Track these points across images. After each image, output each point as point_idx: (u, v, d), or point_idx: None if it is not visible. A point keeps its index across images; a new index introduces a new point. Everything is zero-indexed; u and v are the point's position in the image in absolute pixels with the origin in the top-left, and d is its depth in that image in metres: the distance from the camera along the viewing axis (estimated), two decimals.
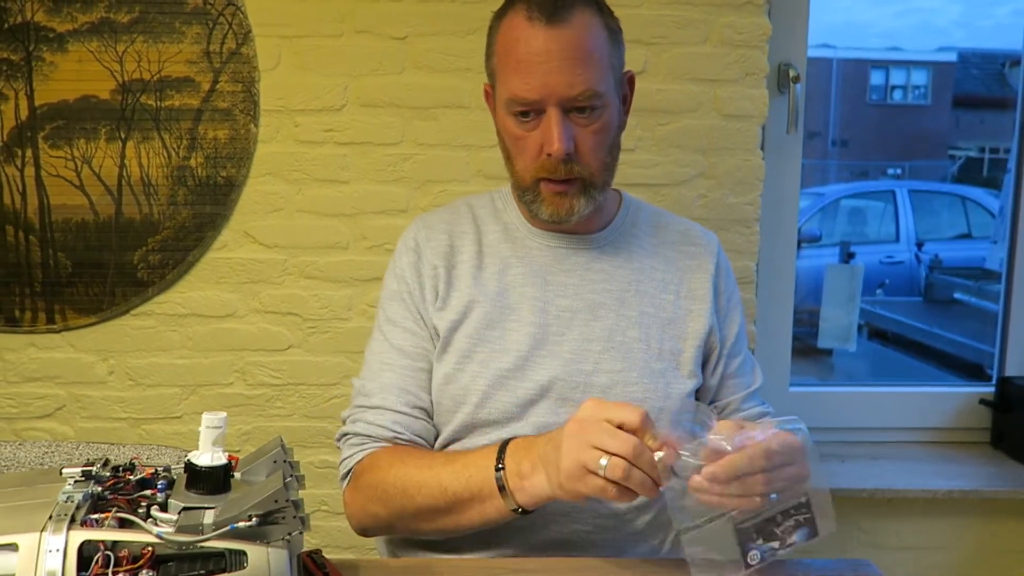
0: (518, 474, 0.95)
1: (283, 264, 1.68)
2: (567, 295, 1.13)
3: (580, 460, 0.87)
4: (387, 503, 1.04)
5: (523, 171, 1.10)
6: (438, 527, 1.04)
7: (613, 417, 0.87)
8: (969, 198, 5.32)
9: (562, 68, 1.03)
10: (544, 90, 1.03)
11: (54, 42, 1.60)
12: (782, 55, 1.74)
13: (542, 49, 1.03)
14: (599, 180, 1.10)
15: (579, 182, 1.08)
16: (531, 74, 1.03)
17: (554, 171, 1.07)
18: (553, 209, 1.09)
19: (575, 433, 0.88)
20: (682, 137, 1.69)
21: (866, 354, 3.43)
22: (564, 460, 0.88)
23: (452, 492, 0.99)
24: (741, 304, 1.22)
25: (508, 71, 1.06)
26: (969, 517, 1.76)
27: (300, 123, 1.65)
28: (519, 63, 1.04)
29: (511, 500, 0.96)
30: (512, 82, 1.05)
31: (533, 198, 1.10)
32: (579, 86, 1.03)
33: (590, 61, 1.04)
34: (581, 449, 0.87)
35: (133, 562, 0.70)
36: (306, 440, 1.72)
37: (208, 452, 0.78)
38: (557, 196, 1.09)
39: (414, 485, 1.02)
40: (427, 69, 1.64)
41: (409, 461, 1.04)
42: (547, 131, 1.05)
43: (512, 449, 0.97)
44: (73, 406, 1.70)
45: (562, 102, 1.04)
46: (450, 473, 1.00)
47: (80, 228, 1.65)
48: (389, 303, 1.16)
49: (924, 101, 8.01)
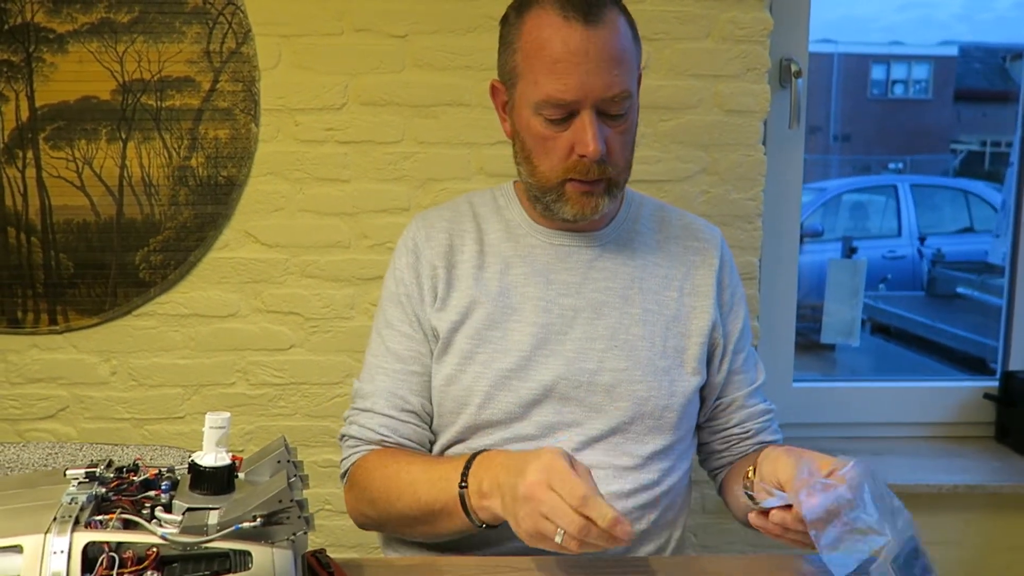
0: (479, 493, 0.94)
1: (285, 263, 1.68)
2: (570, 294, 1.12)
3: (537, 528, 0.85)
4: (374, 506, 1.06)
5: (549, 172, 1.07)
6: (419, 532, 1.06)
7: (559, 491, 0.83)
8: (971, 192, 5.32)
9: (600, 69, 1.00)
10: (581, 91, 1.01)
11: (54, 43, 1.59)
12: (783, 50, 1.74)
13: (580, 49, 1.00)
14: (621, 179, 1.10)
15: (605, 182, 1.07)
16: (569, 75, 1.00)
17: (586, 172, 1.05)
18: (578, 209, 1.08)
19: (528, 500, 0.85)
20: (684, 133, 1.68)
21: (869, 349, 3.43)
22: (523, 524, 0.86)
23: (425, 503, 1.00)
24: (745, 299, 1.22)
25: (540, 71, 1.02)
26: (974, 512, 1.76)
27: (301, 122, 1.65)
28: (555, 63, 1.01)
29: (475, 517, 0.96)
30: (545, 82, 1.02)
31: (556, 198, 1.08)
32: (616, 87, 1.02)
33: (623, 61, 1.03)
34: (536, 519, 0.84)
35: (138, 563, 0.70)
36: (309, 439, 1.72)
37: (212, 452, 0.78)
38: (584, 196, 1.07)
39: (395, 492, 1.03)
40: (427, 67, 1.64)
41: (392, 467, 1.05)
42: (581, 132, 1.03)
43: (475, 467, 0.96)
44: (76, 407, 1.70)
45: (597, 104, 1.02)
46: (424, 483, 1.00)
47: (82, 229, 1.64)
48: (387, 305, 1.16)
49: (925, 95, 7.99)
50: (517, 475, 0.87)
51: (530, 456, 0.88)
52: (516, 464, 0.90)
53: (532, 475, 0.85)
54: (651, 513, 1.10)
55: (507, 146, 1.64)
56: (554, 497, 0.83)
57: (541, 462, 0.86)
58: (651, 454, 1.10)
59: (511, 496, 0.88)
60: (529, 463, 0.87)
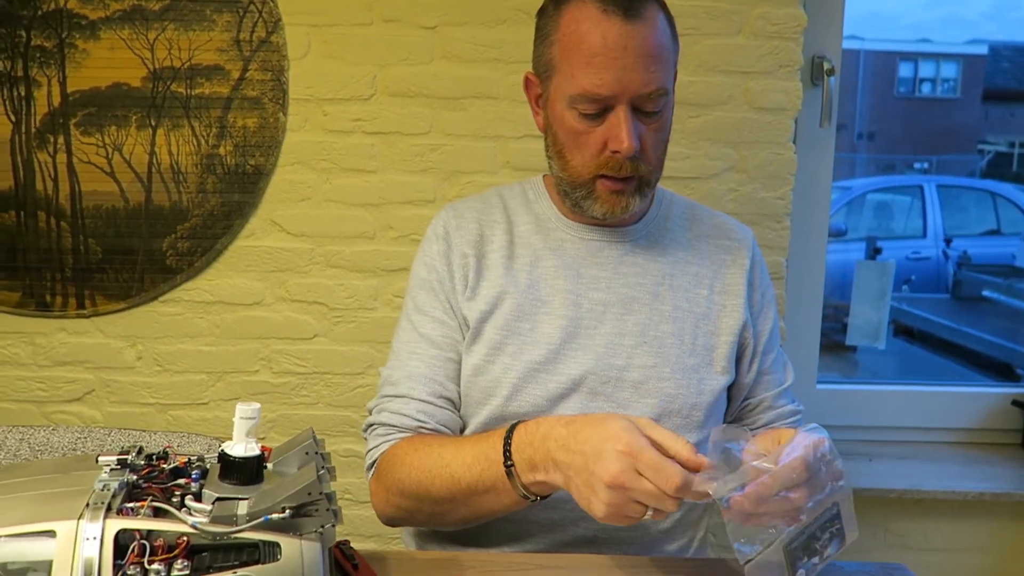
0: (530, 467, 0.92)
1: (310, 253, 1.69)
2: (600, 288, 1.11)
3: (622, 511, 0.83)
4: (407, 494, 1.04)
5: (581, 167, 1.06)
6: (458, 517, 1.03)
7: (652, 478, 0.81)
8: (999, 194, 5.24)
9: (637, 64, 1.00)
10: (618, 86, 1.00)
11: (86, 29, 1.60)
12: (815, 47, 1.71)
13: (619, 44, 0.99)
14: (653, 178, 1.09)
15: (636, 180, 1.06)
16: (606, 69, 1.00)
17: (618, 169, 1.04)
18: (608, 207, 1.07)
19: (616, 488, 0.82)
20: (713, 130, 1.66)
21: (892, 351, 3.39)
22: (602, 508, 0.84)
23: (465, 484, 0.97)
24: (775, 300, 1.21)
25: (577, 64, 1.02)
26: (1000, 520, 1.73)
27: (329, 112, 1.65)
28: (593, 57, 1.00)
29: (523, 491, 0.94)
30: (582, 76, 1.01)
31: (586, 194, 1.08)
32: (653, 84, 1.01)
33: (662, 59, 1.02)
34: (624, 505, 0.83)
35: (168, 551, 0.70)
36: (330, 429, 1.73)
37: (242, 443, 0.78)
38: (614, 194, 1.06)
39: (428, 477, 1.01)
40: (456, 59, 1.63)
41: (423, 451, 1.03)
42: (615, 128, 1.02)
43: (517, 442, 0.94)
44: (102, 391, 1.72)
45: (634, 100, 1.01)
46: (461, 465, 0.98)
47: (110, 215, 1.66)
48: (418, 291, 1.15)
49: (953, 94, 7.88)
50: (591, 460, 0.84)
51: (594, 434, 0.85)
52: (577, 442, 0.87)
53: (615, 463, 0.82)
54: (676, 512, 1.09)
55: (534, 140, 1.64)
56: (646, 484, 0.81)
57: (624, 444, 0.83)
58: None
59: (585, 482, 0.85)
60: (607, 445, 0.83)
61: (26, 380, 1.71)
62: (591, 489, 0.85)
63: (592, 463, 0.84)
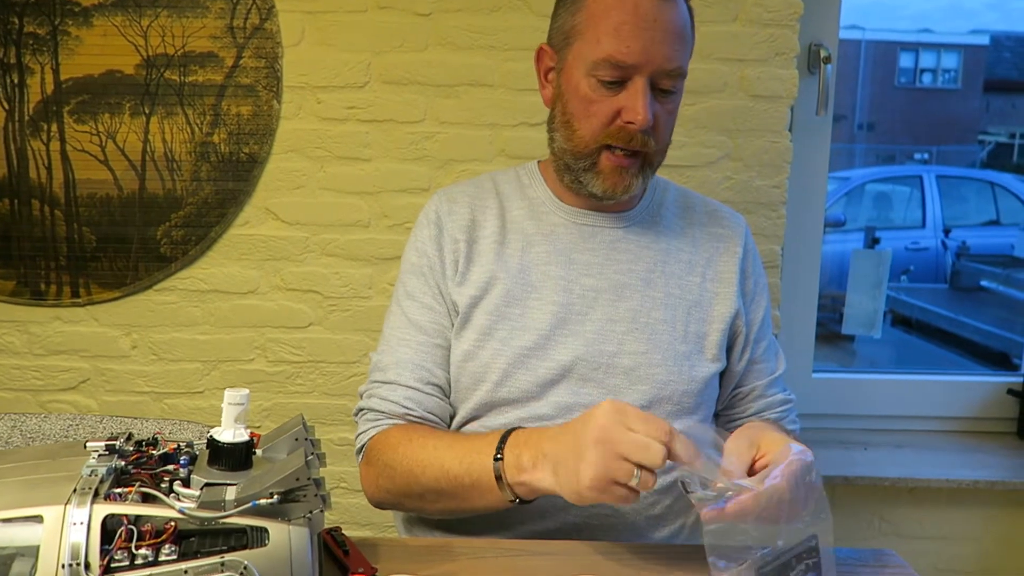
0: (517, 467, 0.93)
1: (304, 241, 1.68)
2: (591, 274, 1.11)
3: (609, 472, 0.84)
4: (395, 481, 1.05)
5: (588, 136, 1.06)
6: (444, 508, 1.05)
7: (641, 429, 0.84)
8: (998, 184, 5.23)
9: (664, 39, 1.02)
10: (643, 56, 1.01)
11: (79, 16, 1.59)
12: (812, 35, 1.70)
13: (650, 16, 1.01)
14: (656, 160, 1.10)
15: (641, 158, 1.07)
16: (635, 38, 1.01)
17: (628, 140, 1.05)
18: (609, 184, 1.07)
19: (602, 442, 0.84)
20: (709, 118, 1.66)
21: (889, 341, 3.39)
22: (589, 470, 0.84)
23: (454, 477, 0.99)
24: (767, 288, 1.20)
25: (604, 30, 1.03)
26: (994, 508, 1.74)
27: (323, 100, 1.64)
28: (623, 24, 1.02)
29: (508, 492, 0.95)
30: (608, 42, 1.02)
31: (588, 167, 1.08)
32: (675, 61, 1.03)
33: (685, 39, 1.05)
34: (609, 463, 0.84)
35: (156, 536, 0.70)
36: (325, 417, 1.73)
37: (230, 429, 0.78)
38: (617, 171, 1.07)
39: (419, 467, 1.02)
40: (451, 46, 1.63)
41: (416, 442, 1.04)
42: (633, 99, 1.03)
43: (513, 441, 0.95)
44: (97, 379, 1.72)
45: (654, 74, 1.03)
46: (452, 458, 0.99)
47: (104, 203, 1.65)
48: (409, 277, 1.15)
49: (954, 85, 7.85)
50: (579, 430, 0.87)
51: (584, 415, 0.88)
52: (567, 428, 0.90)
53: (603, 418, 0.85)
54: (666, 498, 1.09)
55: (529, 128, 1.64)
56: (635, 435, 0.83)
57: (608, 407, 0.86)
58: None
59: (572, 450, 0.87)
60: (591, 413, 0.87)
61: (21, 369, 1.71)
62: (579, 456, 0.86)
63: (579, 429, 0.87)
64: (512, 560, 0.93)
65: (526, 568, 0.91)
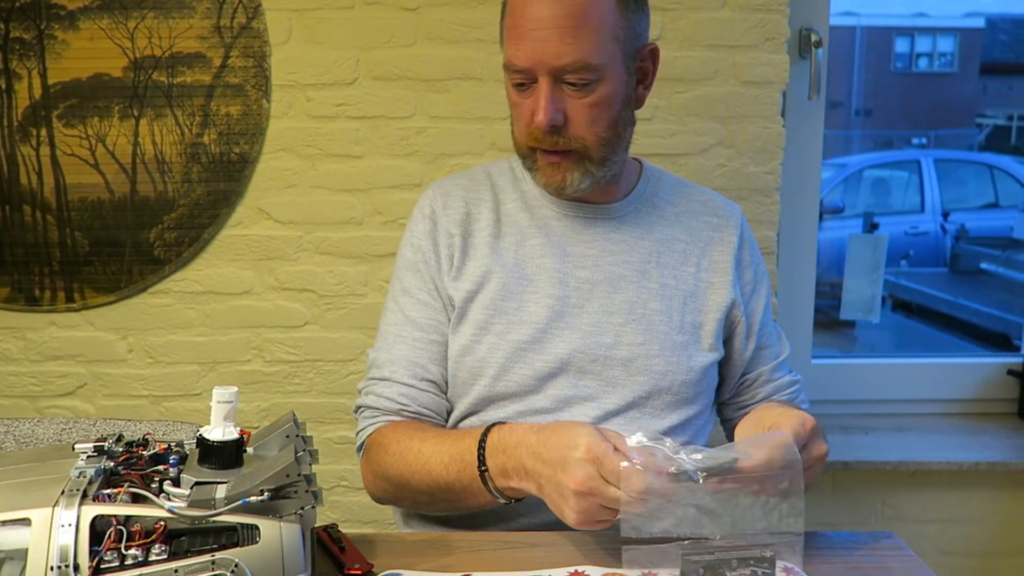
0: (502, 475, 0.93)
1: (298, 240, 1.68)
2: (587, 267, 1.11)
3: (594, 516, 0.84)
4: (392, 482, 1.06)
5: (520, 138, 1.09)
6: (441, 508, 1.06)
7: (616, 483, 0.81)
8: (997, 167, 5.22)
9: (552, 36, 1.00)
10: (533, 58, 1.01)
11: (65, 20, 1.59)
12: (803, 19, 1.69)
13: (538, 15, 1.01)
14: (596, 155, 1.07)
15: (573, 154, 1.06)
16: (523, 40, 1.02)
17: (542, 141, 1.05)
18: (547, 179, 1.08)
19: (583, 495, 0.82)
20: (700, 105, 1.65)
21: (890, 326, 3.39)
22: (573, 515, 0.84)
23: (444, 483, 0.99)
24: (767, 275, 1.20)
25: (507, 36, 1.05)
26: (996, 490, 1.73)
27: (312, 98, 1.63)
28: (515, 28, 1.03)
29: (497, 495, 0.95)
30: (508, 47, 1.05)
31: (531, 166, 1.10)
32: (567, 56, 1.01)
33: (585, 31, 1.01)
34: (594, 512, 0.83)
35: (146, 537, 0.70)
36: (324, 416, 1.72)
37: (220, 427, 0.78)
38: (550, 167, 1.07)
39: (409, 471, 1.02)
40: (439, 40, 1.62)
41: (405, 443, 1.04)
42: (534, 100, 1.04)
43: (491, 447, 0.94)
44: (94, 384, 1.71)
45: (552, 72, 1.02)
46: (439, 464, 0.99)
47: (96, 207, 1.65)
48: (404, 272, 1.15)
49: (950, 69, 7.83)
50: (558, 469, 0.85)
51: (560, 441, 0.85)
52: (546, 450, 0.87)
53: (579, 470, 0.82)
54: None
55: None
56: (612, 490, 0.81)
57: (581, 452, 0.83)
58: (668, 429, 1.09)
59: (555, 490, 0.86)
60: (568, 455, 0.84)
61: (18, 375, 1.71)
62: (562, 498, 0.85)
63: (559, 472, 0.85)
64: (509, 552, 0.93)
65: (523, 560, 0.91)
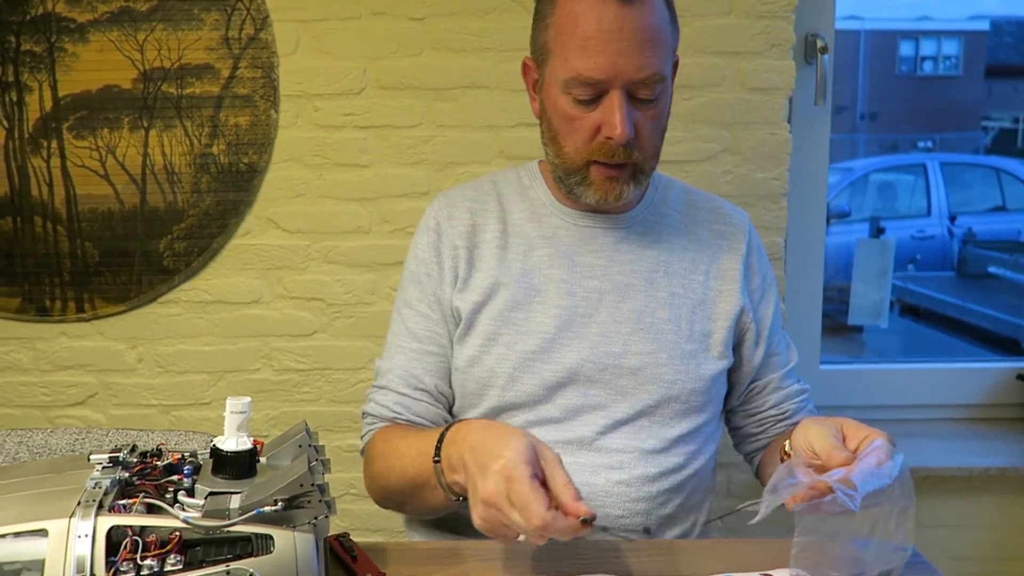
0: (450, 467, 0.92)
1: (306, 250, 1.69)
2: (595, 276, 1.11)
3: (496, 529, 0.82)
4: (379, 483, 1.08)
5: (574, 153, 1.05)
6: (411, 508, 1.07)
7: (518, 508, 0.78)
8: (1003, 170, 5.20)
9: (632, 49, 0.98)
10: (612, 71, 0.99)
11: (75, 32, 1.60)
12: (808, 25, 1.70)
13: (614, 27, 0.98)
14: (647, 166, 1.08)
15: (631, 167, 1.05)
16: (600, 53, 0.98)
17: (612, 155, 1.03)
18: (602, 194, 1.06)
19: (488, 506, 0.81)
20: (706, 111, 1.65)
21: (898, 331, 3.38)
22: (477, 519, 0.83)
23: (411, 477, 1.00)
24: (775, 282, 1.20)
25: (571, 48, 1.00)
26: (1006, 495, 1.72)
27: (320, 107, 1.64)
28: (587, 40, 0.99)
29: (449, 491, 0.93)
30: (575, 60, 1.00)
31: (580, 180, 1.07)
32: (648, 69, 1.00)
33: (658, 43, 1.01)
34: (496, 526, 0.82)
35: (161, 547, 0.70)
36: (333, 425, 1.73)
37: (233, 437, 0.78)
38: (608, 181, 1.05)
39: (387, 468, 1.04)
40: (446, 50, 1.63)
41: (390, 443, 1.06)
42: (609, 114, 1.01)
43: (447, 440, 0.93)
44: (105, 393, 1.72)
45: (628, 85, 1.00)
46: (409, 458, 1.00)
47: (106, 217, 1.66)
48: (407, 284, 1.16)
49: (955, 71, 7.81)
50: (479, 470, 0.83)
51: (490, 447, 0.83)
52: (483, 450, 0.84)
53: (492, 482, 0.80)
54: (677, 497, 1.09)
55: (528, 129, 1.63)
56: (514, 514, 0.79)
57: (499, 465, 0.80)
58: (677, 437, 1.09)
59: (472, 490, 0.84)
60: (489, 463, 0.82)
61: (29, 385, 1.72)
62: (473, 500, 0.84)
63: (477, 476, 0.83)
64: (520, 561, 0.93)
65: (535, 569, 0.91)
